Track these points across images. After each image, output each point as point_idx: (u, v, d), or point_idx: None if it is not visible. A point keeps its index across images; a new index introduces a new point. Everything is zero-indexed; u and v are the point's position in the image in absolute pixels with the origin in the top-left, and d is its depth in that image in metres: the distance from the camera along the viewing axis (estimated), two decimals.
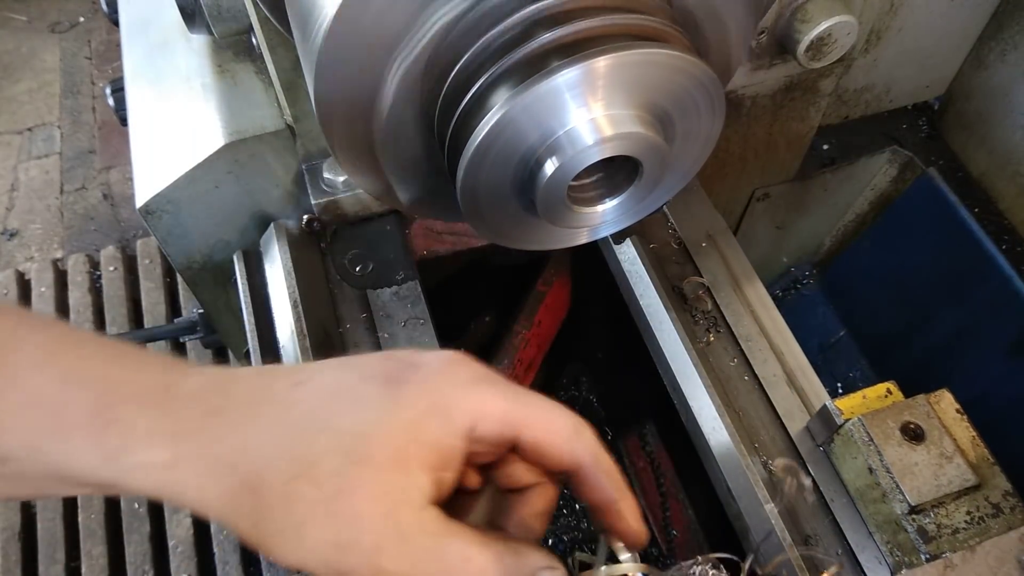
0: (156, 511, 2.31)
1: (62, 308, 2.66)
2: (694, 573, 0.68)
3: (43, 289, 2.69)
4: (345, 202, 1.22)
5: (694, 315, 1.22)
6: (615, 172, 0.78)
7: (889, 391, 1.07)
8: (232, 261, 1.25)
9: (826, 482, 1.06)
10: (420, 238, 1.33)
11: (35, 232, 3.06)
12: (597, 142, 0.68)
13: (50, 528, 2.28)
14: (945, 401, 1.03)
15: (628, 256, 1.27)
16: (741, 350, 1.19)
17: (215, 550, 2.24)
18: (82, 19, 3.78)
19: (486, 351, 1.63)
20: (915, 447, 0.98)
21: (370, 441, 0.52)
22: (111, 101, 1.35)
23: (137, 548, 2.25)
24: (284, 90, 1.08)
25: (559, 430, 0.58)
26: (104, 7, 1.44)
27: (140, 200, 1.14)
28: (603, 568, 0.64)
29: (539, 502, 0.61)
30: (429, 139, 0.80)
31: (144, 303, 2.66)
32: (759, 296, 1.25)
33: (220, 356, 2.54)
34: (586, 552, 0.68)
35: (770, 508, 1.02)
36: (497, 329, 1.78)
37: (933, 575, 0.93)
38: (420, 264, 1.29)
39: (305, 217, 1.23)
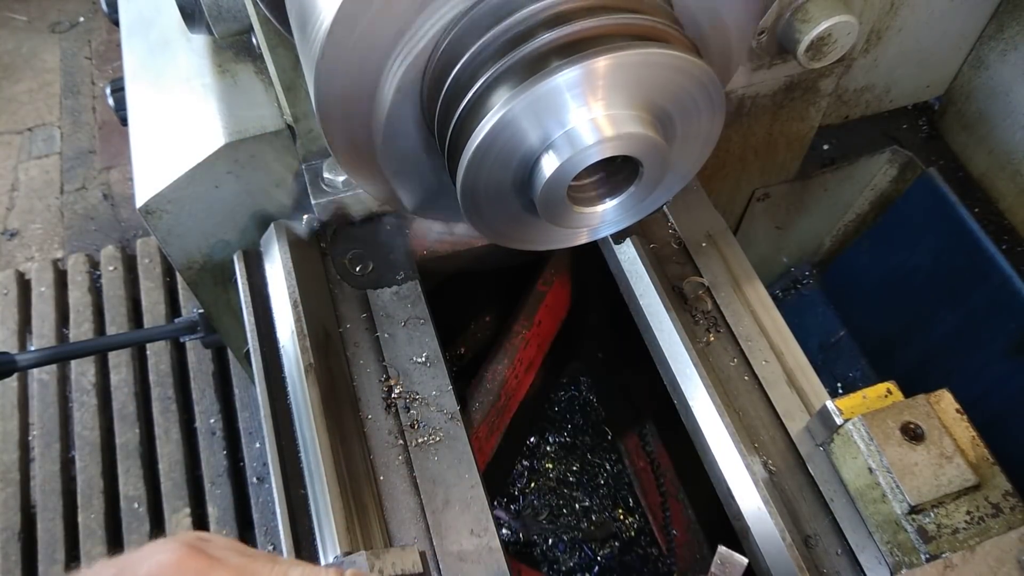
0: (156, 511, 2.31)
1: (62, 308, 2.66)
2: None
3: (43, 289, 2.69)
4: (345, 202, 1.22)
5: (694, 315, 1.22)
6: (615, 172, 0.78)
7: (889, 391, 1.07)
8: (232, 261, 1.25)
9: (826, 482, 1.06)
10: (420, 238, 1.33)
11: (35, 232, 3.06)
12: (598, 142, 0.68)
13: (50, 528, 2.28)
14: (945, 401, 1.03)
15: (628, 256, 1.27)
16: (741, 350, 1.19)
17: None
18: (82, 19, 3.79)
19: (486, 351, 1.63)
20: (915, 447, 0.98)
21: None
22: (111, 101, 1.35)
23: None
24: (284, 90, 1.08)
25: None
26: (104, 7, 1.44)
27: (140, 200, 1.14)
28: None
29: None
30: (429, 139, 0.80)
31: (144, 303, 2.66)
32: (759, 296, 1.25)
33: (220, 355, 2.54)
34: None
35: (770, 508, 1.02)
36: (497, 329, 1.78)
37: (933, 575, 0.93)
38: (420, 264, 1.29)
39: (305, 217, 1.23)
